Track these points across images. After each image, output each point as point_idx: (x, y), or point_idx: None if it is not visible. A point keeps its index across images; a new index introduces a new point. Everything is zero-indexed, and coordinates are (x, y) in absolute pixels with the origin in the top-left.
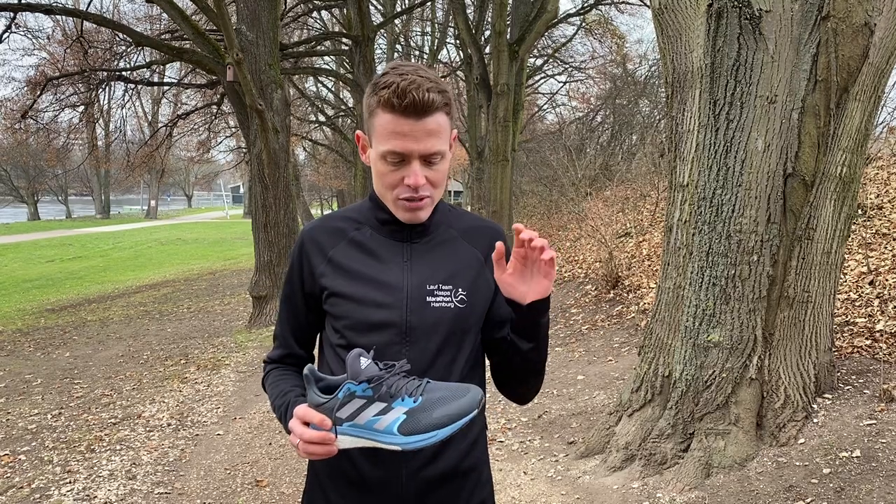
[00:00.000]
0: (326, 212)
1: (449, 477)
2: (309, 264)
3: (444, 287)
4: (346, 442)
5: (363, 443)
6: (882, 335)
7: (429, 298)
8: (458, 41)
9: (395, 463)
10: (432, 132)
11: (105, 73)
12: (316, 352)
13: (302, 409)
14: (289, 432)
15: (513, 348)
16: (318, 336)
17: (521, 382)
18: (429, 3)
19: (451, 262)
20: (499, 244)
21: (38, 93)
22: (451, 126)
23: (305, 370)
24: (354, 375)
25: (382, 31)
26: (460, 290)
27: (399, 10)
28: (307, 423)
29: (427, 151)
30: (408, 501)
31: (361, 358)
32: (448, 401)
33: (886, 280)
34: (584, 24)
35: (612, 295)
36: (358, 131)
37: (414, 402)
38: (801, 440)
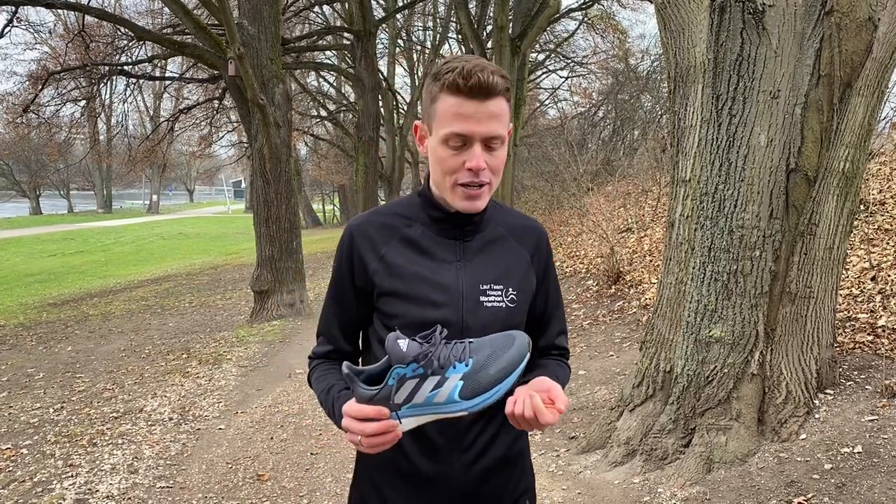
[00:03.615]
0: (328, 207)
1: (500, 465)
2: (360, 260)
3: (495, 287)
4: (409, 423)
5: (427, 419)
6: (884, 331)
7: (482, 298)
8: (459, 36)
9: (450, 456)
10: (494, 115)
11: (107, 68)
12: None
13: (355, 408)
14: (342, 429)
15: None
16: (364, 331)
17: None
18: None
19: (502, 262)
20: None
21: (40, 87)
22: (511, 116)
23: (344, 369)
24: (400, 359)
25: (384, 25)
26: (511, 289)
27: (401, 4)
28: (363, 419)
29: (489, 134)
30: (463, 493)
31: (399, 341)
32: (499, 354)
33: (888, 276)
34: (586, 19)
35: (613, 290)
36: (416, 122)
37: (466, 366)
38: (803, 436)
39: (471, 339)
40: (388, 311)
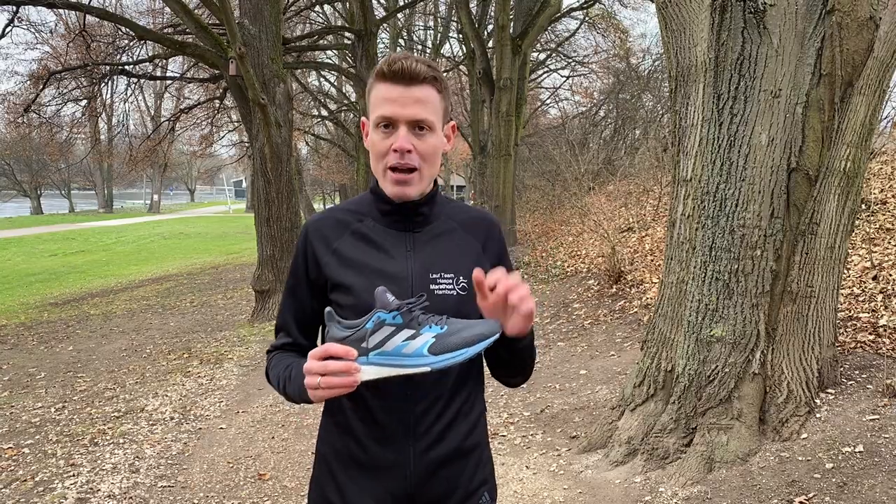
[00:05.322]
0: (329, 206)
1: (453, 456)
2: (314, 255)
3: (445, 275)
4: (370, 372)
5: (388, 371)
6: (885, 330)
7: (432, 286)
8: (460, 35)
9: (403, 444)
10: (419, 100)
11: (108, 67)
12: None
13: (322, 347)
14: (289, 398)
15: (497, 352)
16: (322, 328)
17: (508, 374)
18: None
19: (452, 252)
20: (476, 273)
21: (41, 87)
22: (445, 107)
23: (327, 309)
24: (385, 305)
25: (385, 25)
26: (461, 278)
27: (402, 4)
28: (327, 359)
29: (413, 117)
30: (415, 481)
31: (388, 294)
32: (472, 326)
33: (890, 275)
34: (587, 19)
35: (614, 290)
36: (363, 118)
37: (441, 328)
38: (804, 435)
39: (449, 316)
40: (341, 302)
